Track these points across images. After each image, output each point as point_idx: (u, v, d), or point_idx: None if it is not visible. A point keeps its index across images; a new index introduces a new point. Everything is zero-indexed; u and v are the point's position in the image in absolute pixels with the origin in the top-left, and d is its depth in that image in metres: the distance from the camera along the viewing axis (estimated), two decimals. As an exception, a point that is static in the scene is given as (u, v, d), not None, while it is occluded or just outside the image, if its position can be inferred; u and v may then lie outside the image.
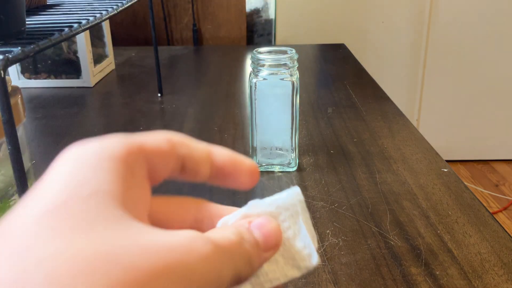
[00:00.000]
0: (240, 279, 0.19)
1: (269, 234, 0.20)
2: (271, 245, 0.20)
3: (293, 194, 0.23)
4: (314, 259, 0.22)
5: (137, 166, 0.18)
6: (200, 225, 0.22)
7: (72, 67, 1.04)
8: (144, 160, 0.19)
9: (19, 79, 1.04)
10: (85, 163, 0.17)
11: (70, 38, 0.56)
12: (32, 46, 0.37)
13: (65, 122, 0.86)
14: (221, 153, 0.22)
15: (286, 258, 0.22)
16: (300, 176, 0.64)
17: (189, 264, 0.15)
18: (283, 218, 0.22)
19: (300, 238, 0.22)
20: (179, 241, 0.16)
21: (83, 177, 0.16)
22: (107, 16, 0.54)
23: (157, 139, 0.21)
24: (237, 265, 0.18)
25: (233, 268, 0.18)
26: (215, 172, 0.22)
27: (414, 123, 1.86)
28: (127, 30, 1.56)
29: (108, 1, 0.61)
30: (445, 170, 0.65)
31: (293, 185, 0.62)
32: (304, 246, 0.22)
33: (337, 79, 1.09)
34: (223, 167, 0.22)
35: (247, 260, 0.19)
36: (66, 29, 0.44)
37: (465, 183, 0.67)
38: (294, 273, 0.22)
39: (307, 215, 0.23)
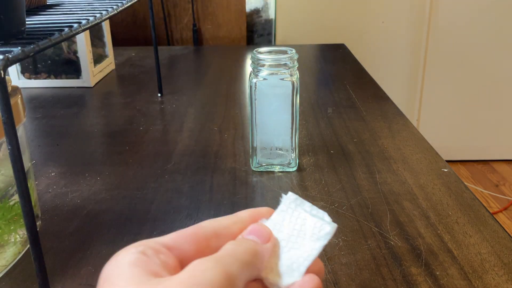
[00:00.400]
0: (257, 268, 0.26)
1: (259, 232, 0.28)
2: (266, 237, 0.28)
3: (287, 198, 0.30)
4: (327, 226, 0.28)
5: (153, 255, 0.25)
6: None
7: (72, 67, 1.04)
8: (161, 251, 0.25)
9: (19, 79, 1.04)
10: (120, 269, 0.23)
11: (70, 38, 0.56)
12: (32, 46, 0.37)
13: (65, 122, 0.86)
14: (244, 211, 0.30)
15: (307, 239, 0.28)
16: (300, 176, 0.64)
17: (195, 280, 0.22)
18: (288, 218, 0.29)
19: (310, 220, 0.29)
20: (188, 270, 0.22)
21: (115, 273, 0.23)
22: (107, 16, 0.54)
23: (179, 232, 0.27)
24: (244, 259, 0.25)
25: (241, 263, 0.24)
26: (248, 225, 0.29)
27: (414, 123, 1.86)
28: (127, 30, 1.56)
29: (108, 1, 0.61)
30: (445, 170, 0.65)
31: (293, 185, 0.62)
32: (315, 222, 0.28)
33: (337, 79, 1.08)
34: (249, 219, 0.30)
35: (253, 252, 0.26)
36: (66, 29, 0.44)
37: (465, 183, 0.67)
38: (320, 243, 0.28)
39: (306, 203, 0.29)
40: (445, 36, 1.73)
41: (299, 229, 0.29)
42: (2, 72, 0.33)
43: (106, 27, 1.15)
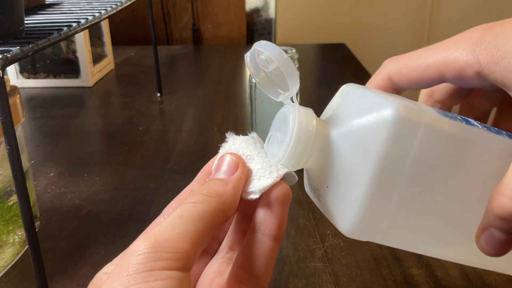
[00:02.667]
0: (225, 212, 0.23)
1: (227, 165, 0.25)
2: (233, 167, 0.25)
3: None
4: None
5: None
6: None
7: (71, 67, 1.04)
8: None
9: (17, 78, 1.04)
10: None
11: (69, 38, 0.56)
12: (31, 46, 0.37)
13: (64, 122, 0.85)
14: (193, 183, 0.29)
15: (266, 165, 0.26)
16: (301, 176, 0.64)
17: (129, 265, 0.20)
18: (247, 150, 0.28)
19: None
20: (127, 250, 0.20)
21: None
22: (106, 15, 0.53)
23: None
24: (206, 209, 0.22)
25: (202, 215, 0.22)
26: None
27: (414, 123, 1.85)
28: (126, 30, 1.55)
29: (107, 0, 0.61)
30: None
31: (293, 185, 0.62)
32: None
33: (337, 79, 1.08)
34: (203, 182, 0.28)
35: (213, 193, 0.23)
36: (65, 28, 0.44)
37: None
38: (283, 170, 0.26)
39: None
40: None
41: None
42: (0, 71, 0.33)
43: (105, 26, 1.15)
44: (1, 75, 0.33)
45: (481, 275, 0.45)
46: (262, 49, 0.26)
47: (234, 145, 0.28)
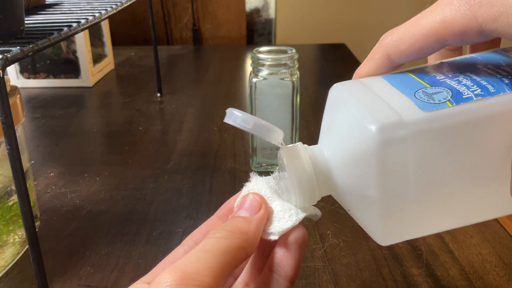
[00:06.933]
0: (245, 249, 0.24)
1: (251, 203, 0.27)
2: (256, 207, 0.26)
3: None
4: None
5: None
6: None
7: (71, 67, 1.04)
8: None
9: (18, 78, 1.04)
10: None
11: (69, 38, 0.56)
12: (31, 46, 0.37)
13: (64, 122, 0.85)
14: (212, 217, 0.30)
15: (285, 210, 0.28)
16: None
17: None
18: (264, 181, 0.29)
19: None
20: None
21: None
22: (106, 16, 0.53)
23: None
24: (230, 245, 0.23)
25: (226, 251, 0.23)
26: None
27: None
28: (126, 30, 1.55)
29: (107, 0, 0.61)
30: (446, 170, 0.65)
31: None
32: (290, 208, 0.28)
33: (337, 79, 1.08)
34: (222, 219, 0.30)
35: (237, 230, 0.24)
36: (65, 28, 0.44)
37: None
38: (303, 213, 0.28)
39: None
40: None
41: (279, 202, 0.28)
42: (1, 71, 0.33)
43: (105, 26, 1.15)
44: (1, 75, 0.33)
45: (481, 274, 0.45)
46: (230, 122, 0.27)
47: (257, 185, 0.29)
